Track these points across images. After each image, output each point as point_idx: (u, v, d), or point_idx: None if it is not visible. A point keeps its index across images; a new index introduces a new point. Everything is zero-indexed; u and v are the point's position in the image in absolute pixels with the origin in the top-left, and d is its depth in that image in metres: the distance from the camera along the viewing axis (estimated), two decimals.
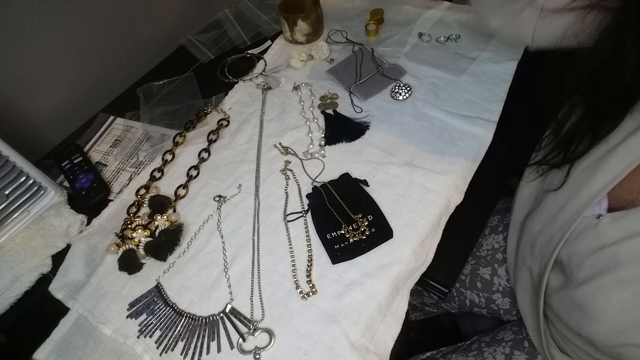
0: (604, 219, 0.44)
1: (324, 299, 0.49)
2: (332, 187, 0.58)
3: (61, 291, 0.55)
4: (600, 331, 0.45)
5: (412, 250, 0.52)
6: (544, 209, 0.54)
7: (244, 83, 0.78)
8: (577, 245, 0.47)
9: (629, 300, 0.41)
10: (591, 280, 0.45)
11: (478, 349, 0.67)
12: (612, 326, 0.43)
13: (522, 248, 0.61)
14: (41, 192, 0.62)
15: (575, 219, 0.46)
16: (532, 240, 0.56)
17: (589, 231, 0.46)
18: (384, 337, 0.48)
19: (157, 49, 0.88)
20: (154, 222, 0.58)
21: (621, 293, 0.42)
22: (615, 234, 0.43)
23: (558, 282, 0.52)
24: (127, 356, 0.49)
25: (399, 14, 0.84)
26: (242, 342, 0.47)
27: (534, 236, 0.56)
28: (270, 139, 0.67)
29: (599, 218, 0.45)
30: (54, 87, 0.74)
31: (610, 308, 0.43)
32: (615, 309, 0.42)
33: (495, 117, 0.64)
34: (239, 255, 0.55)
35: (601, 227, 0.44)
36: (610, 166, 0.43)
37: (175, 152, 0.68)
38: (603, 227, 0.44)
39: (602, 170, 0.44)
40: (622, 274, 0.41)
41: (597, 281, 0.44)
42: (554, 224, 0.50)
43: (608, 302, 0.43)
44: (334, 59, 0.78)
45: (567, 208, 0.48)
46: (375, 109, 0.68)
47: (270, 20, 0.90)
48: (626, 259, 0.41)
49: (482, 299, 0.72)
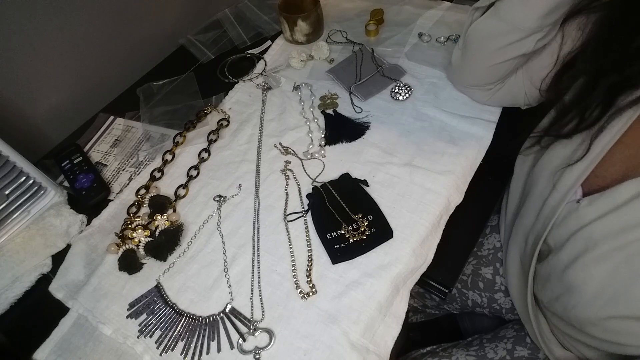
0: (583, 202, 0.47)
1: (324, 299, 0.49)
2: (332, 187, 0.58)
3: (61, 291, 0.55)
4: (585, 309, 0.47)
5: (412, 250, 0.52)
6: (531, 201, 0.56)
7: (244, 83, 0.78)
8: (561, 230, 0.50)
9: (608, 273, 0.44)
10: (574, 261, 0.47)
11: (479, 345, 0.67)
12: (595, 301, 0.45)
13: (515, 244, 0.62)
14: (41, 192, 0.62)
15: (559, 206, 0.49)
16: (525, 235, 0.57)
17: (570, 215, 0.48)
18: (384, 337, 0.48)
19: (157, 49, 0.88)
20: (154, 222, 0.58)
21: (601, 268, 0.44)
22: (592, 214, 0.45)
23: (545, 270, 0.53)
24: (127, 356, 0.49)
25: (399, 14, 0.84)
26: (242, 342, 0.47)
27: (527, 231, 0.56)
28: (270, 139, 0.67)
29: (579, 202, 0.47)
30: (54, 87, 0.74)
31: (592, 284, 0.45)
32: (597, 284, 0.45)
33: (495, 117, 0.64)
34: (239, 255, 0.55)
35: (581, 210, 0.47)
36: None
37: (175, 152, 0.68)
38: (583, 209, 0.47)
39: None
40: (600, 251, 0.44)
41: (579, 261, 0.46)
42: (542, 215, 0.52)
43: (590, 279, 0.45)
44: (334, 59, 0.78)
45: (550, 198, 0.51)
46: (375, 109, 0.68)
47: (270, 20, 0.90)
48: (602, 235, 0.44)
49: (484, 298, 0.72)
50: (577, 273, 0.47)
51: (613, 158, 0.45)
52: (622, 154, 0.45)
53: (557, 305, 0.52)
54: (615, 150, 0.45)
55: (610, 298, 0.44)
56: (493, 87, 0.60)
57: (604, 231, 0.44)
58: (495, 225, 0.73)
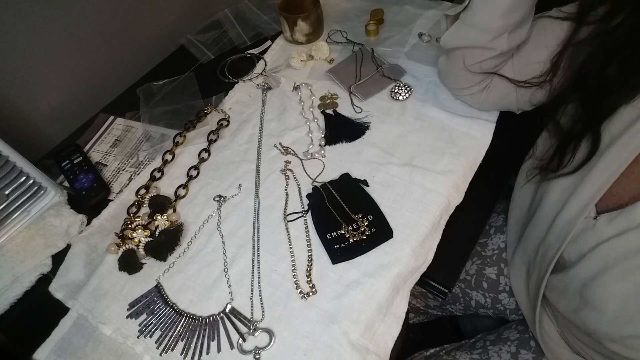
0: (601, 219, 0.46)
1: (324, 299, 0.49)
2: (332, 187, 0.58)
3: (61, 291, 0.55)
4: (606, 325, 0.46)
5: (412, 250, 0.51)
6: (542, 214, 0.55)
7: (244, 83, 0.78)
8: (577, 246, 0.49)
9: (630, 291, 0.43)
10: (594, 278, 0.46)
11: (483, 347, 0.66)
12: (617, 319, 0.45)
13: (523, 252, 0.62)
14: (41, 192, 0.62)
15: (575, 222, 0.48)
16: (536, 246, 0.57)
17: (587, 232, 0.47)
18: (384, 337, 0.48)
19: (157, 49, 0.88)
20: (154, 222, 0.58)
21: (622, 285, 0.43)
22: (610, 232, 0.45)
23: (561, 283, 0.53)
24: (127, 356, 0.49)
25: (399, 14, 0.84)
26: (242, 342, 0.47)
27: (538, 242, 0.56)
28: (270, 139, 0.67)
29: (596, 219, 0.47)
30: (54, 87, 0.74)
31: (613, 303, 0.44)
32: (618, 302, 0.44)
33: (494, 117, 0.64)
34: (239, 255, 0.55)
35: (598, 227, 0.46)
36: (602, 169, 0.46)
37: (175, 152, 0.68)
38: (600, 226, 0.46)
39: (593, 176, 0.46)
40: (620, 269, 0.43)
41: (600, 278, 0.45)
42: (555, 228, 0.52)
43: (611, 296, 0.44)
44: (334, 59, 0.78)
45: (564, 212, 0.50)
46: (375, 109, 0.68)
47: (270, 20, 0.90)
48: (623, 253, 0.43)
49: (489, 299, 0.71)
50: (597, 290, 0.46)
51: (631, 176, 0.44)
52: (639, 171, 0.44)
53: (576, 317, 0.51)
54: (634, 167, 0.44)
55: (632, 317, 0.43)
56: (477, 91, 0.61)
57: (624, 249, 0.43)
58: (500, 226, 0.73)
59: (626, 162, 0.43)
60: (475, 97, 0.62)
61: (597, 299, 0.46)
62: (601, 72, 0.45)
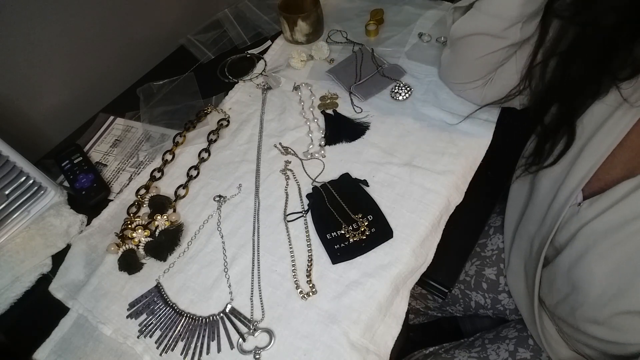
0: (584, 205, 0.48)
1: (324, 299, 0.49)
2: (332, 187, 0.58)
3: (61, 291, 0.55)
4: (591, 307, 0.47)
5: (412, 250, 0.52)
6: (534, 210, 0.57)
7: (244, 83, 0.78)
8: (563, 232, 0.51)
9: (611, 270, 0.44)
10: (577, 260, 0.48)
11: (481, 345, 0.67)
12: (601, 299, 0.46)
13: (519, 249, 0.62)
14: (41, 192, 0.62)
15: (562, 209, 0.50)
16: (530, 240, 0.57)
17: (572, 218, 0.49)
18: (384, 337, 0.48)
19: (157, 49, 0.88)
20: (154, 222, 0.58)
21: (603, 265, 0.45)
22: (591, 214, 0.46)
23: (550, 273, 0.54)
24: (127, 356, 0.49)
25: (399, 14, 0.84)
26: (242, 342, 0.47)
27: (532, 236, 0.57)
28: (270, 139, 0.67)
29: (580, 205, 0.48)
30: (54, 87, 0.74)
31: (597, 282, 0.46)
32: (601, 282, 0.45)
33: (494, 117, 0.64)
34: (239, 255, 0.55)
35: (582, 212, 0.48)
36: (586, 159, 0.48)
37: (175, 152, 0.68)
38: (583, 211, 0.48)
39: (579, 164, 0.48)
40: (601, 248, 0.45)
41: (582, 260, 0.47)
42: (546, 219, 0.53)
43: (594, 276, 0.46)
44: (334, 59, 0.78)
45: (554, 203, 0.52)
46: (375, 109, 0.68)
47: (270, 20, 0.90)
48: (602, 232, 0.45)
49: (488, 299, 0.71)
50: (581, 272, 0.47)
51: (614, 161, 0.46)
52: (622, 156, 0.46)
53: (564, 306, 0.52)
54: (616, 153, 0.46)
55: (615, 294, 0.44)
56: (481, 84, 0.61)
57: (604, 228, 0.45)
58: (499, 226, 0.73)
59: (610, 148, 0.45)
60: (478, 92, 0.62)
61: (581, 281, 0.47)
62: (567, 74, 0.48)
